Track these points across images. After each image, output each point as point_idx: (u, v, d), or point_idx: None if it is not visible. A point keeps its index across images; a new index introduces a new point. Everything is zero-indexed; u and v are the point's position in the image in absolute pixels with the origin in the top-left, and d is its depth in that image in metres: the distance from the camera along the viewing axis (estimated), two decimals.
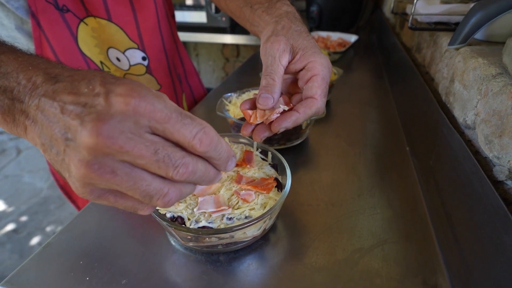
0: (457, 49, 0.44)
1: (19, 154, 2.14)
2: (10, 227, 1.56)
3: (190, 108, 0.77)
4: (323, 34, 1.25)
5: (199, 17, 1.43)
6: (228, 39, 1.47)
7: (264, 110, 0.36)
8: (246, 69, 1.00)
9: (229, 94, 0.61)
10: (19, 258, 1.40)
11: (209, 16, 1.41)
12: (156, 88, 0.67)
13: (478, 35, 0.45)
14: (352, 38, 1.19)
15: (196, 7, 1.42)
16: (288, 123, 0.34)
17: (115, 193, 0.21)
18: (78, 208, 0.74)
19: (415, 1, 0.54)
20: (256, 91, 0.63)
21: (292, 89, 0.40)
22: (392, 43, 0.88)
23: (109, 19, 0.57)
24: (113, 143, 0.18)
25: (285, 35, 0.37)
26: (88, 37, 0.57)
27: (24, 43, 0.54)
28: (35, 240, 1.48)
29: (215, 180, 0.24)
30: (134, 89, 0.19)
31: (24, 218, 1.62)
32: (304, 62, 0.36)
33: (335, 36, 1.23)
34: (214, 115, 0.56)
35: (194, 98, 0.82)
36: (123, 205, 0.22)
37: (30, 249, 1.44)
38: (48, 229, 1.55)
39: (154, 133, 0.20)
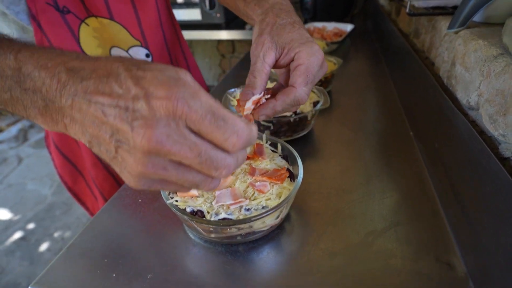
0: (457, 32, 0.44)
1: (21, 162, 2.14)
2: (18, 235, 1.57)
3: None
4: (319, 25, 1.25)
5: (194, 14, 1.43)
6: (224, 35, 1.47)
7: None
8: (244, 65, 1.01)
9: (233, 89, 0.61)
10: (29, 265, 1.41)
11: (203, 12, 1.41)
12: None
13: (477, 18, 0.46)
14: (348, 27, 1.19)
15: (189, 4, 1.41)
16: (266, 110, 0.36)
17: (163, 182, 0.24)
18: (88, 209, 0.75)
19: None
20: None
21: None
22: (389, 29, 0.88)
23: (111, 18, 0.56)
24: (163, 147, 0.20)
25: (269, 33, 0.37)
26: (90, 38, 0.57)
27: None
28: (44, 247, 1.50)
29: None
30: (171, 89, 0.20)
31: (31, 226, 1.63)
32: (291, 55, 0.37)
33: (330, 26, 1.23)
34: None
35: None
36: (169, 189, 0.26)
37: (40, 256, 1.45)
38: (56, 235, 1.56)
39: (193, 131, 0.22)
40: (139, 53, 0.61)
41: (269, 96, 0.37)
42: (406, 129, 0.57)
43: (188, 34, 1.50)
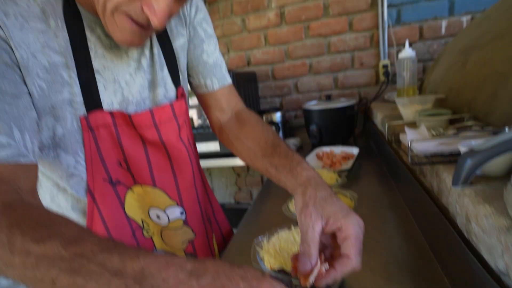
0: (462, 189, 0.49)
1: None
2: None
3: (220, 250, 0.79)
4: (327, 149, 1.38)
5: (213, 146, 1.61)
6: (239, 161, 1.61)
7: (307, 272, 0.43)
8: (264, 196, 1.07)
9: (260, 238, 0.64)
10: None
11: (221, 145, 1.59)
12: (191, 237, 0.71)
13: (477, 171, 0.52)
14: (354, 150, 1.30)
15: (209, 138, 1.61)
16: (328, 279, 0.43)
17: None
18: None
19: (409, 142, 0.63)
20: (282, 232, 0.67)
21: (334, 244, 0.47)
22: (393, 159, 0.96)
23: (154, 185, 0.65)
24: None
25: (313, 205, 0.46)
26: (133, 201, 0.64)
27: (75, 219, 0.61)
28: None
29: None
30: (267, 282, 0.31)
31: None
32: (337, 225, 0.44)
33: (337, 150, 1.36)
34: (249, 263, 0.58)
35: (223, 236, 0.85)
36: None
37: None
38: None
39: None
40: (175, 211, 0.68)
41: (328, 266, 0.44)
42: (439, 275, 0.55)
43: (206, 163, 1.65)
